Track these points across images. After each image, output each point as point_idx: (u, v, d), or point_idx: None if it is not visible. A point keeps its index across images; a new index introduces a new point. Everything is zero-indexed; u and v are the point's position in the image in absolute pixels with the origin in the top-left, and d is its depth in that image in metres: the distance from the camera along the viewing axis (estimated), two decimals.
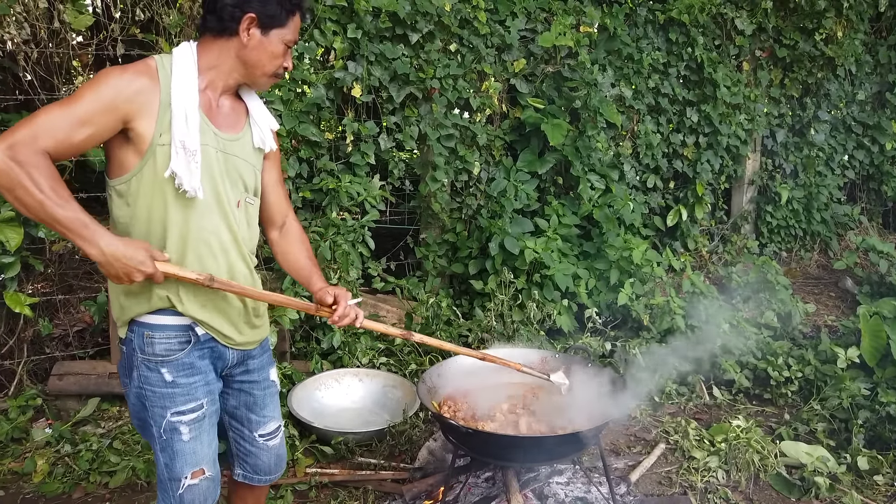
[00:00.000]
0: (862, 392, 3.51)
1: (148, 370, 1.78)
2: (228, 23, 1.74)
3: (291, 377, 3.64)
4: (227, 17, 1.73)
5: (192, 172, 1.71)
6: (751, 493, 3.08)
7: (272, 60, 1.81)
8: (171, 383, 1.79)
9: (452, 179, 4.59)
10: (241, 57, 1.78)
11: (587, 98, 4.61)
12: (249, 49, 1.77)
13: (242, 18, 1.74)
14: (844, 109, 6.44)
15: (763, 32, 5.82)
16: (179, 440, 1.81)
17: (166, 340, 1.79)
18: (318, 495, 3.02)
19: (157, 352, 1.78)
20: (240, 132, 1.88)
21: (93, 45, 3.78)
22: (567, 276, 4.37)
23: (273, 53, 1.80)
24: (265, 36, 1.77)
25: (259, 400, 2.06)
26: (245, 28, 1.75)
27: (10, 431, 3.31)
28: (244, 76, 1.83)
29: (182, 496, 1.86)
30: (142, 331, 1.77)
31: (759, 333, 4.27)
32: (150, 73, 1.69)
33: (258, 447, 2.11)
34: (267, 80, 1.86)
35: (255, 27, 1.76)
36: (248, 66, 1.80)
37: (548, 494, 2.84)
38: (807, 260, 6.35)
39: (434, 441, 3.21)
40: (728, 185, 6.12)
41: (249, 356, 2.01)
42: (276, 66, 1.83)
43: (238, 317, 1.91)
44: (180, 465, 1.83)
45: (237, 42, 1.76)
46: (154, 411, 1.79)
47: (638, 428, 3.66)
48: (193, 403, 1.82)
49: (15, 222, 3.23)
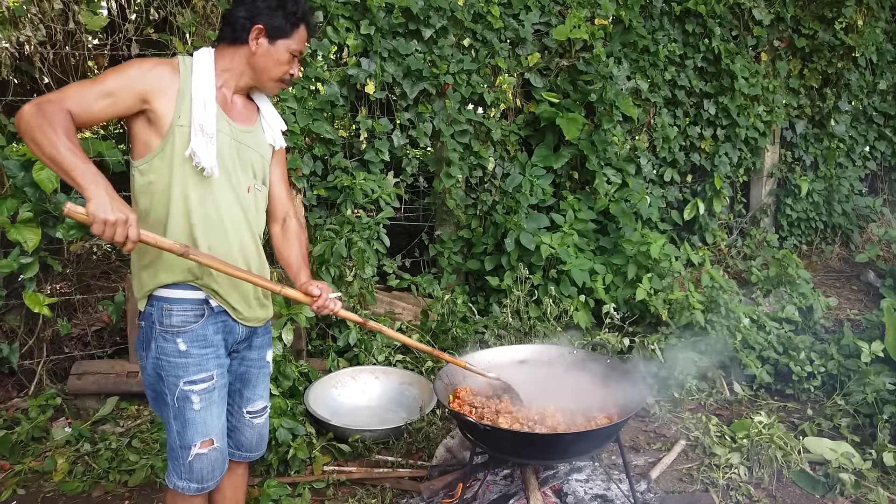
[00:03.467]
0: (887, 387, 3.44)
1: (165, 341, 1.93)
2: (240, 32, 1.96)
3: (308, 375, 3.64)
4: (239, 27, 1.96)
5: (209, 152, 1.90)
6: (774, 490, 3.03)
7: (278, 67, 2.01)
8: (185, 353, 1.93)
9: (467, 175, 4.56)
10: (250, 63, 1.99)
11: (603, 91, 4.56)
12: (258, 56, 1.98)
13: (252, 29, 1.95)
14: (865, 99, 6.33)
15: (781, 22, 5.74)
16: (191, 409, 1.95)
17: (183, 312, 1.94)
18: (335, 493, 3.01)
19: (174, 323, 1.93)
20: (252, 126, 2.08)
21: (108, 45, 3.80)
22: (584, 272, 4.33)
23: (279, 61, 2.00)
24: (272, 45, 1.98)
25: (254, 378, 2.20)
26: (254, 37, 1.96)
27: (30, 431, 3.34)
28: (254, 80, 2.03)
29: (192, 463, 1.98)
30: (160, 304, 1.93)
31: (780, 328, 4.20)
32: (172, 65, 1.90)
33: (244, 423, 2.23)
34: (274, 85, 2.06)
35: (263, 37, 1.97)
36: (257, 71, 2.00)
37: (567, 492, 2.82)
38: (828, 253, 6.26)
39: (451, 438, 3.19)
40: (746, 177, 6.04)
41: (255, 333, 2.16)
42: (282, 73, 2.03)
43: (249, 291, 2.07)
44: (191, 434, 1.96)
45: (247, 49, 1.98)
46: (169, 380, 1.94)
47: (658, 424, 3.62)
48: (204, 374, 1.96)
49: (33, 223, 3.25)
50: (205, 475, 2.01)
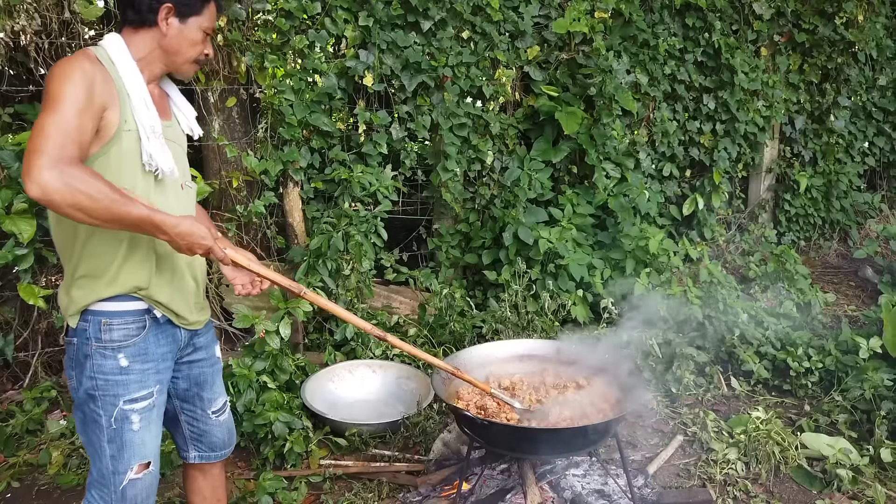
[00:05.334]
0: (885, 383, 3.44)
1: (103, 358, 1.80)
2: (147, 14, 1.81)
3: (305, 369, 3.63)
4: (145, 8, 1.81)
5: (164, 154, 1.82)
6: (771, 486, 3.02)
7: (192, 47, 1.89)
8: (125, 369, 1.82)
9: (465, 169, 4.54)
10: (162, 46, 1.85)
11: (602, 85, 4.54)
12: (170, 38, 1.84)
13: (160, 9, 1.81)
14: (865, 95, 6.32)
15: (782, 17, 5.71)
16: (130, 430, 1.84)
17: (125, 326, 1.82)
18: (332, 487, 3.01)
19: (114, 338, 1.81)
20: (171, 119, 1.98)
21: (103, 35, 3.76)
22: (582, 266, 4.32)
23: (192, 41, 1.88)
24: (183, 24, 1.85)
25: (209, 377, 2.12)
26: (163, 17, 1.82)
27: (25, 423, 3.33)
28: (167, 64, 1.90)
29: (125, 490, 1.86)
30: (98, 318, 1.79)
31: (778, 323, 4.19)
32: (101, 64, 1.74)
33: (211, 424, 2.17)
34: (189, 67, 1.93)
35: (172, 16, 1.83)
36: (170, 54, 1.87)
37: (564, 486, 2.81)
38: (826, 249, 6.25)
39: (449, 433, 3.18)
40: (746, 173, 6.02)
41: (196, 334, 2.06)
42: (196, 53, 1.91)
43: (192, 296, 1.98)
44: (128, 457, 1.85)
45: (157, 32, 1.83)
46: (105, 400, 1.81)
47: (655, 420, 3.61)
48: (145, 391, 1.86)
49: (28, 214, 3.23)
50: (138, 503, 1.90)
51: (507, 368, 2.84)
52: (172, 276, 1.90)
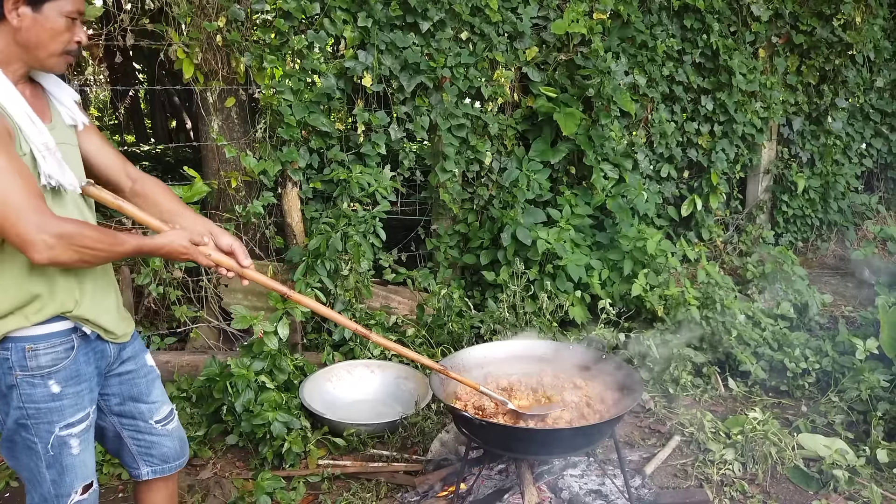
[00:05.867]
0: (881, 384, 3.45)
1: (32, 387, 1.68)
2: None
3: (303, 369, 3.63)
4: None
5: (64, 170, 1.66)
6: (768, 486, 3.04)
7: (56, 38, 1.64)
8: (58, 395, 1.71)
9: (464, 170, 4.55)
10: (18, 41, 1.61)
11: (600, 86, 4.55)
12: (24, 31, 1.60)
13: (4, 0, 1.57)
14: (862, 97, 6.33)
15: (780, 18, 5.72)
16: (69, 454, 1.76)
17: (52, 350, 1.70)
18: (330, 487, 3.01)
19: (42, 364, 1.68)
20: (51, 119, 1.76)
21: (102, 35, 3.77)
22: (580, 267, 4.33)
23: (53, 30, 1.63)
24: (37, 13, 1.60)
25: (143, 388, 2.01)
26: (11, 8, 1.58)
27: None
28: (32, 62, 1.66)
29: None
30: (20, 346, 1.66)
31: (775, 324, 4.21)
32: None
33: (158, 434, 2.04)
34: (58, 61, 1.68)
35: (23, 5, 1.59)
36: (32, 50, 1.63)
37: (562, 487, 2.82)
38: (823, 250, 6.27)
39: (447, 433, 3.19)
40: (743, 174, 6.03)
41: (122, 347, 1.95)
42: (63, 43, 1.66)
43: (116, 309, 1.89)
44: (70, 480, 1.78)
45: (8, 27, 1.59)
46: (39, 428, 1.71)
47: (652, 420, 3.62)
48: (81, 413, 1.78)
49: None
50: None
51: (504, 369, 2.85)
52: (94, 290, 1.79)
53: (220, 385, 3.25)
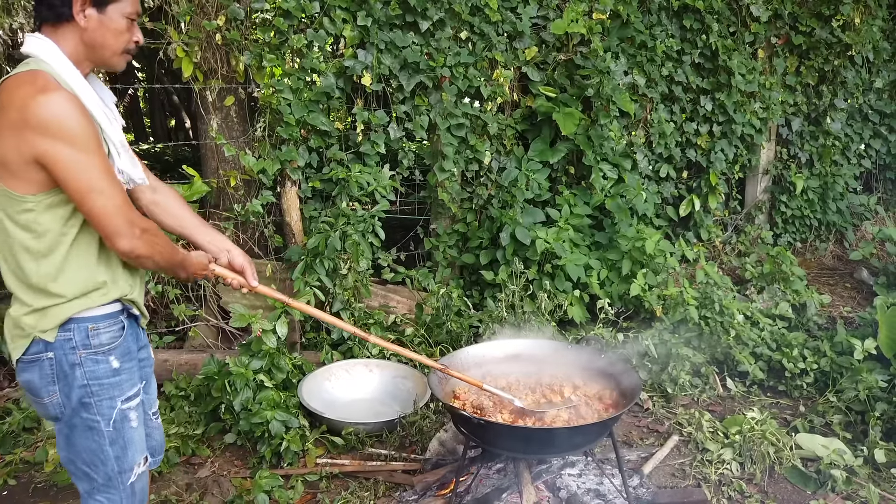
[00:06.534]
0: (879, 384, 3.46)
1: (94, 363, 1.76)
2: (61, 8, 1.67)
3: (302, 368, 3.63)
4: (57, 2, 1.67)
5: (135, 165, 1.84)
6: (766, 486, 3.04)
7: (118, 38, 1.75)
8: (118, 370, 1.81)
9: (463, 169, 4.55)
10: (84, 41, 1.71)
11: (600, 86, 4.55)
12: (90, 31, 1.71)
13: (74, 1, 1.67)
14: (861, 98, 6.33)
15: (779, 19, 5.73)
16: (129, 428, 1.84)
17: (110, 329, 1.80)
18: (328, 486, 3.01)
19: (103, 342, 1.78)
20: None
21: None
22: (579, 267, 4.33)
23: (116, 30, 1.74)
24: (102, 14, 1.71)
25: (150, 377, 2.07)
26: (79, 10, 1.68)
27: (21, 421, 3.33)
28: (97, 60, 1.77)
29: (133, 486, 1.87)
30: (83, 326, 1.75)
31: (773, 325, 4.21)
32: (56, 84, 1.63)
33: (152, 426, 2.10)
34: (120, 59, 1.80)
35: (89, 7, 1.69)
36: (96, 49, 1.73)
37: (560, 486, 2.82)
38: (822, 250, 6.27)
39: (445, 432, 3.19)
40: (742, 174, 6.04)
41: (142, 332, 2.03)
42: (124, 43, 1.77)
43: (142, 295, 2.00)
44: (132, 454, 1.86)
45: (75, 26, 1.69)
46: (102, 405, 1.78)
47: (651, 420, 3.63)
48: (136, 388, 1.88)
49: None
50: (145, 495, 1.91)
51: (503, 368, 2.85)
52: (138, 278, 1.92)
53: (219, 384, 3.25)
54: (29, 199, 1.64)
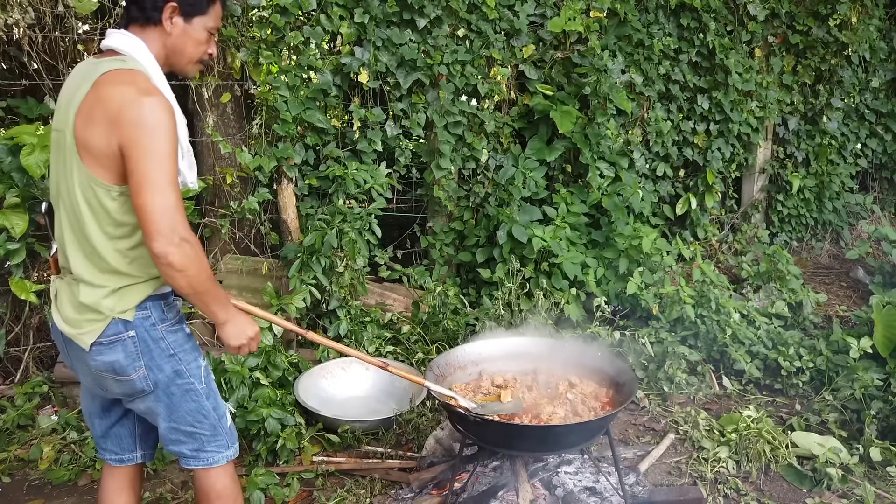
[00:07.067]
0: (875, 382, 3.47)
1: (173, 333, 1.91)
2: (151, 12, 1.80)
3: (298, 365, 3.62)
4: (149, 6, 1.79)
5: (193, 169, 1.91)
6: (762, 484, 3.04)
7: (196, 47, 1.89)
8: (189, 335, 1.97)
9: (460, 167, 4.54)
10: (167, 45, 1.84)
11: (597, 85, 4.55)
12: (174, 37, 1.84)
13: (165, 7, 1.80)
14: (857, 97, 6.34)
15: (776, 18, 5.73)
16: (211, 379, 2.01)
17: (174, 303, 1.95)
18: (324, 484, 3.01)
19: (173, 314, 1.92)
20: None
21: (98, 30, 3.74)
22: (576, 265, 4.33)
23: (197, 40, 1.88)
24: (188, 24, 1.84)
25: None
26: (168, 17, 1.81)
27: (16, 418, 3.31)
28: (172, 64, 1.90)
29: (231, 427, 2.05)
30: (158, 303, 1.88)
31: (769, 323, 4.22)
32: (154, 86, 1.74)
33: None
34: (192, 67, 1.94)
35: (178, 15, 1.82)
36: (175, 54, 1.87)
37: (556, 484, 2.82)
38: (818, 250, 6.28)
39: (441, 430, 3.19)
40: (739, 173, 6.04)
41: None
42: (200, 53, 1.91)
43: None
44: (220, 399, 2.04)
45: (160, 30, 1.82)
46: (191, 367, 1.93)
47: (647, 418, 3.63)
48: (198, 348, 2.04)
49: (20, 209, 3.21)
50: (234, 430, 2.09)
51: (500, 366, 2.85)
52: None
53: (215, 381, 3.24)
54: (114, 188, 1.72)
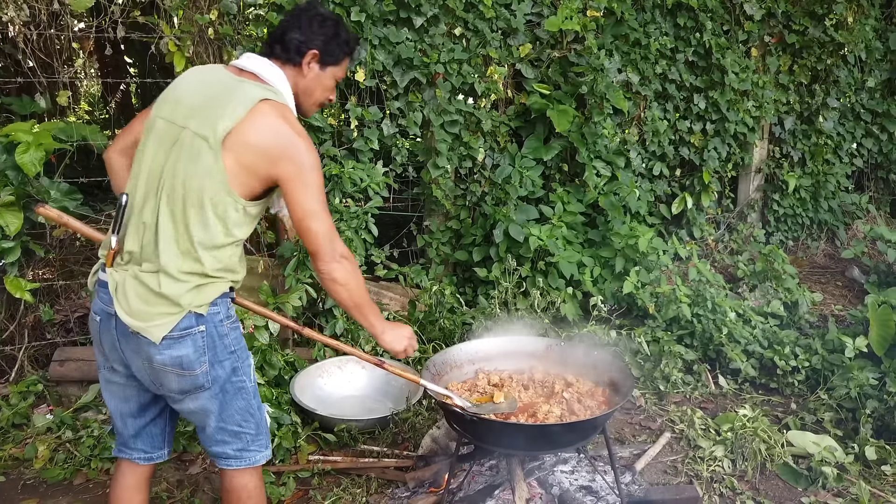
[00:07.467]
0: (870, 381, 3.48)
1: (234, 330, 1.98)
2: (294, 55, 2.00)
3: (294, 364, 3.62)
4: (293, 49, 2.00)
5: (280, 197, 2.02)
6: (757, 483, 3.05)
7: (323, 92, 2.10)
8: (242, 334, 2.03)
9: (457, 166, 4.54)
10: (299, 85, 2.03)
11: (594, 84, 4.55)
12: (307, 80, 2.04)
13: (307, 53, 2.00)
14: (853, 97, 6.35)
15: (772, 17, 5.74)
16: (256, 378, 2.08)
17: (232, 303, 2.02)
18: (320, 483, 3.00)
19: (234, 312, 2.01)
20: None
21: (93, 27, 3.73)
22: (572, 264, 4.33)
23: (325, 86, 2.09)
24: (322, 70, 2.05)
25: None
26: (308, 61, 2.02)
27: (11, 417, 3.30)
28: (298, 103, 2.06)
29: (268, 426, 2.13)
30: (225, 300, 1.95)
31: (765, 322, 4.22)
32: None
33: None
34: (314, 109, 2.13)
35: (315, 62, 2.03)
36: (304, 95, 2.06)
37: (552, 483, 2.82)
38: (814, 249, 6.30)
39: (437, 429, 3.19)
40: (735, 173, 6.04)
41: None
42: (324, 98, 2.12)
43: None
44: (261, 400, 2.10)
45: (298, 72, 2.02)
46: (244, 364, 2.00)
47: (643, 417, 3.63)
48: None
49: (15, 207, 3.20)
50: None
51: (496, 365, 2.85)
52: None
53: None
54: (241, 202, 1.87)
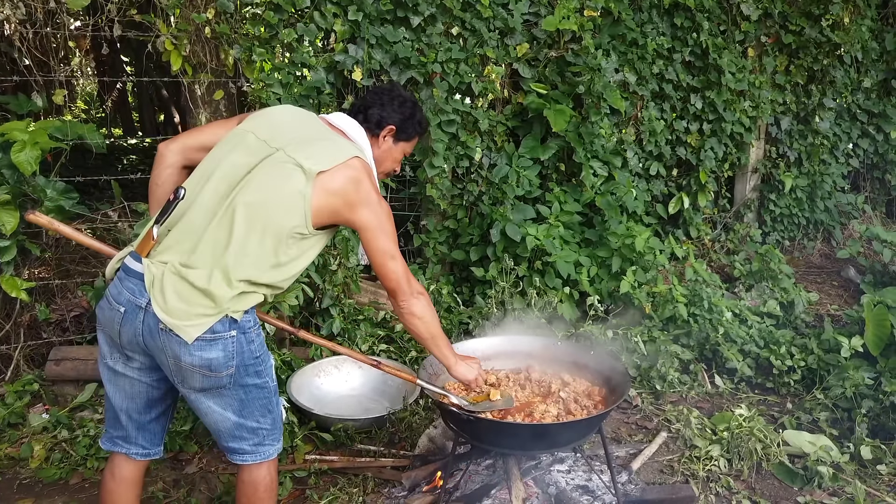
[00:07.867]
0: (865, 381, 3.49)
1: (259, 336, 2.06)
2: (374, 127, 2.21)
3: (291, 363, 3.62)
4: (374, 122, 2.21)
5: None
6: (753, 482, 3.06)
7: (392, 163, 2.30)
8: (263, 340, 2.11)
9: (454, 165, 4.54)
10: (374, 153, 2.21)
11: (591, 83, 4.55)
12: (381, 150, 2.24)
13: (386, 126, 2.22)
14: (850, 97, 6.36)
15: (769, 18, 5.75)
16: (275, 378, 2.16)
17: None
18: (317, 482, 3.00)
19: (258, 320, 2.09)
20: None
21: (89, 26, 3.72)
22: (569, 264, 4.33)
23: (395, 159, 2.30)
24: (395, 144, 2.27)
25: None
26: (384, 135, 2.23)
27: (6, 417, 3.30)
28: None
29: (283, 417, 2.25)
30: (253, 308, 2.03)
31: (761, 322, 4.24)
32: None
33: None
34: (381, 175, 2.30)
35: (391, 136, 2.24)
36: (376, 162, 2.22)
37: (549, 482, 2.82)
38: (810, 249, 6.31)
39: (434, 428, 3.19)
40: (731, 172, 6.06)
41: None
42: (392, 168, 2.32)
43: None
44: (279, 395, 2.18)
45: (374, 141, 2.22)
46: (267, 366, 2.08)
47: (639, 416, 3.64)
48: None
49: (11, 206, 3.19)
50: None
51: (493, 364, 2.85)
52: None
53: None
54: (308, 231, 1.98)
